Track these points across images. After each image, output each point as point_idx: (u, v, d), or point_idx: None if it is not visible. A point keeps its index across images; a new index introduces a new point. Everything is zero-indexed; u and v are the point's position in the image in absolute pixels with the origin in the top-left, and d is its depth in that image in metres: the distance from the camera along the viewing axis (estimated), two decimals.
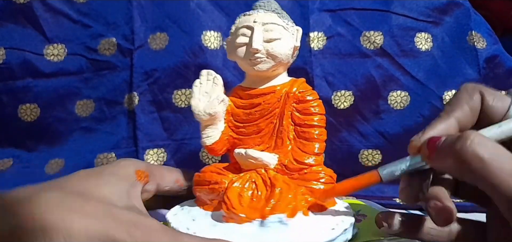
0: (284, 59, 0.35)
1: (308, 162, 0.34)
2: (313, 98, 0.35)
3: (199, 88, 0.36)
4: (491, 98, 0.29)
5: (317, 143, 0.34)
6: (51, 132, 0.56)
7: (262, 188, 0.32)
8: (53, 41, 0.56)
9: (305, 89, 0.35)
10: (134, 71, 0.55)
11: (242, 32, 0.35)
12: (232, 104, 0.36)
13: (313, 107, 0.35)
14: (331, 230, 0.30)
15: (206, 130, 0.36)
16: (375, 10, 0.56)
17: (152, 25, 0.56)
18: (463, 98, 0.30)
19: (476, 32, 0.56)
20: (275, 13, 0.36)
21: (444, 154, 0.27)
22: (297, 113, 0.35)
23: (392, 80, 0.55)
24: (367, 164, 0.56)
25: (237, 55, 0.35)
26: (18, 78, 0.55)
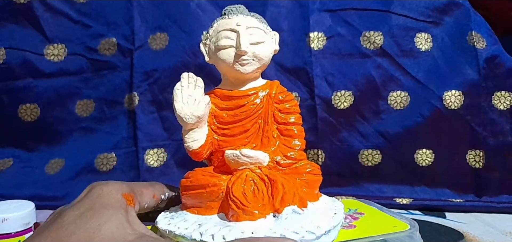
0: (266, 62, 0.36)
1: (294, 157, 0.35)
2: (290, 99, 0.37)
3: (181, 91, 0.36)
4: None
5: (297, 139, 0.36)
6: (51, 132, 0.56)
7: (261, 185, 0.33)
8: (53, 41, 0.56)
9: (283, 91, 0.37)
10: (134, 71, 0.55)
11: (225, 35, 0.35)
12: (214, 106, 0.37)
13: (291, 107, 0.36)
14: (334, 214, 0.32)
15: (190, 134, 0.36)
16: (375, 10, 0.56)
17: (152, 25, 0.56)
18: None
19: (476, 32, 0.56)
20: (254, 17, 0.36)
21: None
22: (279, 113, 0.36)
23: (392, 80, 0.55)
24: (367, 164, 0.56)
25: (220, 58, 0.36)
26: (19, 78, 0.55)
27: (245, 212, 0.31)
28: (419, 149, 0.56)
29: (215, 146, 0.36)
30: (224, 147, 0.35)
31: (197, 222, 0.32)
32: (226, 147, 0.35)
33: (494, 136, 0.55)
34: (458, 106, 0.55)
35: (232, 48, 0.35)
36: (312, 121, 0.55)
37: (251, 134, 0.36)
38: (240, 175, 0.33)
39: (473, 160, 0.56)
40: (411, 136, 0.55)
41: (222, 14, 0.36)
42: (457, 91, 0.55)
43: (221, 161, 0.35)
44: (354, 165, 0.56)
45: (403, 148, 0.56)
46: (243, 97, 0.36)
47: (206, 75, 0.56)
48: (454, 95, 0.55)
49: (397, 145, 0.55)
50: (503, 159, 0.55)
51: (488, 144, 0.55)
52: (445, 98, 0.55)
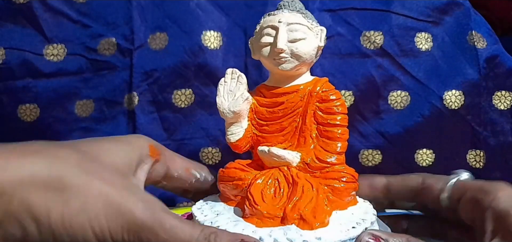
0: (307, 59, 0.35)
1: (330, 160, 0.34)
2: (336, 98, 0.35)
3: (224, 86, 0.36)
4: (430, 181, 0.35)
5: (339, 142, 0.35)
6: (51, 132, 0.56)
7: (285, 185, 0.33)
8: (52, 41, 0.55)
9: (328, 88, 0.36)
10: (134, 71, 0.55)
11: (267, 32, 0.35)
12: (256, 102, 0.37)
13: (336, 107, 0.35)
14: (348, 230, 0.31)
15: (230, 128, 0.37)
16: (375, 10, 0.56)
17: (152, 25, 0.56)
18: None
19: (476, 32, 0.56)
20: (299, 13, 0.36)
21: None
22: (320, 112, 0.35)
23: (392, 80, 0.55)
24: (367, 164, 0.56)
25: (262, 55, 0.36)
26: (18, 78, 0.55)
27: (254, 211, 0.31)
28: (419, 149, 0.56)
29: (254, 141, 0.37)
30: (262, 143, 0.36)
31: (216, 212, 0.33)
32: (263, 143, 0.35)
33: (494, 136, 0.55)
34: (458, 106, 0.55)
35: (271, 46, 0.35)
36: None
37: (287, 132, 0.35)
38: (267, 172, 0.33)
39: (474, 160, 0.56)
40: (411, 136, 0.55)
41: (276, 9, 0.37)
42: (458, 91, 0.55)
43: (258, 156, 0.36)
44: (355, 165, 0.55)
45: (403, 148, 0.56)
46: (283, 94, 0.36)
47: (206, 75, 0.56)
48: (454, 95, 0.55)
49: (397, 145, 0.55)
50: (504, 159, 0.55)
51: (488, 144, 0.55)
52: (446, 98, 0.55)
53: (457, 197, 0.33)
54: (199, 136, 0.56)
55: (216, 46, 0.56)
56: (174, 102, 0.56)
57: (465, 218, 0.33)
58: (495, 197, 0.29)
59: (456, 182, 0.34)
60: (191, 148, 0.56)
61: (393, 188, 0.37)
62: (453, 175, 0.35)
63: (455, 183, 0.34)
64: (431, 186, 0.35)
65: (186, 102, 0.56)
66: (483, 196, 0.30)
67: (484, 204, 0.30)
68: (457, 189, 0.33)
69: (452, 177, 0.34)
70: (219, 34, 0.56)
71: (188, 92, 0.55)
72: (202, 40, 0.55)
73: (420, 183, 0.36)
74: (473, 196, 0.31)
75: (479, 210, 0.30)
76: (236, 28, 0.56)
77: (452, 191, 0.34)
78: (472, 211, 0.31)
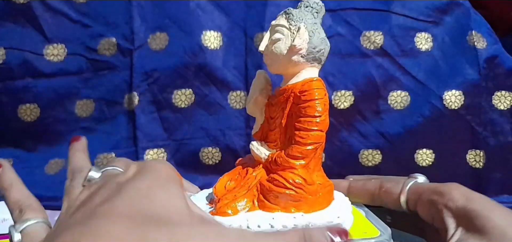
0: (281, 59, 0.35)
1: (298, 163, 0.34)
2: (308, 99, 0.33)
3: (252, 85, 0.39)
4: (388, 185, 0.37)
5: (301, 146, 0.33)
6: (51, 132, 0.56)
7: (244, 180, 0.34)
8: (53, 41, 0.55)
9: (306, 90, 0.34)
10: (134, 71, 0.55)
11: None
12: (268, 101, 0.38)
13: (304, 109, 0.33)
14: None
15: (256, 122, 0.39)
16: (375, 10, 0.56)
17: (152, 25, 0.56)
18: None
19: (476, 32, 0.56)
20: (286, 14, 0.35)
21: None
22: (294, 114, 0.34)
23: (392, 80, 0.55)
24: (367, 164, 0.56)
25: None
26: (18, 78, 0.55)
27: (216, 202, 0.33)
28: (419, 149, 0.56)
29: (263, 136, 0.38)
30: (265, 139, 0.37)
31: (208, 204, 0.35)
32: (264, 139, 0.37)
33: (494, 136, 0.55)
34: (458, 106, 0.55)
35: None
36: None
37: (276, 131, 0.36)
38: (243, 168, 0.36)
39: (473, 160, 0.56)
40: (411, 136, 0.55)
41: None
42: (458, 91, 0.55)
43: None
44: (355, 166, 0.56)
45: (403, 148, 0.56)
46: (278, 95, 0.36)
47: (206, 75, 0.56)
48: (454, 95, 0.55)
49: (398, 145, 0.55)
50: (504, 159, 0.55)
51: (488, 144, 0.55)
52: (445, 98, 0.55)
53: (413, 199, 0.35)
54: (199, 136, 0.56)
55: (216, 46, 0.56)
56: (174, 102, 0.56)
57: (424, 218, 0.35)
58: (450, 197, 0.32)
59: (412, 185, 0.36)
60: (191, 148, 0.56)
61: (353, 192, 0.39)
62: (409, 179, 0.37)
63: (410, 186, 0.36)
64: (390, 190, 0.37)
65: (186, 102, 0.56)
66: (438, 197, 0.33)
67: (440, 204, 0.33)
68: (413, 193, 0.36)
69: (409, 181, 0.37)
70: (219, 34, 0.56)
71: (188, 92, 0.55)
72: (202, 40, 0.55)
73: (378, 188, 0.38)
74: (429, 198, 0.34)
75: (436, 210, 0.33)
76: (236, 28, 0.56)
77: (408, 194, 0.36)
78: (429, 212, 0.34)
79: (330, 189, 0.35)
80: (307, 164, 0.33)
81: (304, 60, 0.34)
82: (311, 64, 0.35)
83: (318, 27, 0.35)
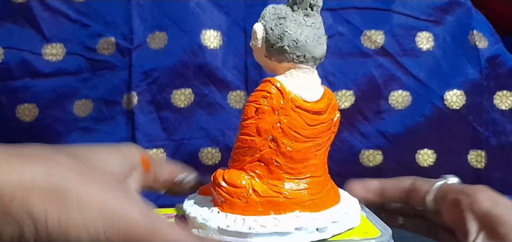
0: (258, 59, 0.35)
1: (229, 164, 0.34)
2: (248, 101, 0.32)
3: None
4: (419, 183, 0.37)
5: (234, 149, 0.33)
6: (50, 132, 0.56)
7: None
8: (51, 41, 0.55)
9: (259, 87, 0.33)
10: (133, 71, 0.55)
11: None
12: None
13: (248, 108, 0.32)
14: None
15: None
16: (376, 9, 0.56)
17: (151, 24, 0.56)
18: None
19: (478, 32, 0.56)
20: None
21: None
22: None
23: (393, 80, 0.55)
24: (368, 164, 0.56)
25: None
26: (17, 78, 0.55)
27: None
28: (420, 149, 0.56)
29: None
30: None
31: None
32: None
33: (495, 136, 0.55)
34: (459, 106, 0.55)
35: None
36: None
37: None
38: None
39: (475, 160, 0.56)
40: (412, 136, 0.55)
41: None
42: (459, 90, 0.55)
43: None
44: (355, 166, 0.55)
45: (404, 148, 0.56)
46: None
47: (205, 75, 0.56)
48: (455, 95, 0.55)
49: (398, 145, 0.55)
50: (505, 159, 0.55)
51: (489, 144, 0.55)
52: (447, 97, 0.55)
53: (440, 199, 0.34)
54: (198, 136, 0.56)
55: (216, 45, 0.55)
56: (174, 102, 0.55)
57: (446, 220, 0.34)
58: (475, 199, 0.31)
59: (441, 185, 0.35)
60: (190, 148, 0.56)
61: (386, 190, 0.39)
62: (440, 179, 0.36)
63: (440, 186, 0.35)
64: (419, 188, 0.36)
65: (185, 102, 0.55)
66: (463, 197, 0.32)
67: (464, 205, 0.31)
68: (440, 192, 0.35)
69: (439, 180, 0.36)
70: (219, 33, 0.56)
71: (187, 92, 0.55)
72: (202, 40, 0.55)
73: (410, 185, 0.37)
74: (454, 198, 0.33)
75: (459, 211, 0.32)
76: (236, 27, 0.56)
77: (436, 193, 0.35)
78: (452, 213, 0.33)
79: (276, 202, 0.31)
80: (242, 167, 0.32)
81: (274, 59, 0.33)
82: (294, 63, 0.33)
83: (285, 22, 0.32)
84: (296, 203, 0.31)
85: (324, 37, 0.34)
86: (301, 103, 0.32)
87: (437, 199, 0.35)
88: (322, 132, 0.33)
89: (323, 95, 0.34)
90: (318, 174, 0.33)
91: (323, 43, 0.34)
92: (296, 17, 0.33)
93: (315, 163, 0.33)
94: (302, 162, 0.32)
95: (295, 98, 0.32)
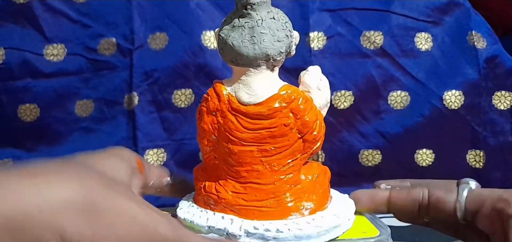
0: None
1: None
2: None
3: None
4: (440, 193, 0.34)
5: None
6: (51, 132, 0.56)
7: None
8: (52, 41, 0.55)
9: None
10: (134, 71, 0.55)
11: None
12: None
13: None
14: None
15: None
16: (375, 10, 0.56)
17: (152, 25, 0.56)
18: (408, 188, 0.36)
19: (476, 32, 0.56)
20: None
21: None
22: None
23: (392, 80, 0.55)
24: (367, 164, 0.56)
25: None
26: (18, 78, 0.55)
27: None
28: (419, 149, 0.56)
29: None
30: None
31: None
32: None
33: (494, 136, 0.55)
34: (458, 106, 0.55)
35: None
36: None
37: None
38: None
39: (473, 160, 0.56)
40: (411, 136, 0.55)
41: None
42: (457, 91, 0.55)
43: None
44: (354, 165, 0.56)
45: (403, 148, 0.56)
46: None
47: (206, 75, 0.56)
48: (454, 95, 0.55)
49: (397, 145, 0.55)
50: (503, 159, 0.55)
51: (488, 144, 0.55)
52: (445, 98, 0.55)
53: (473, 209, 0.32)
54: None
55: (216, 46, 0.55)
56: (174, 102, 0.56)
57: (484, 229, 0.31)
58: None
59: (469, 193, 0.32)
60: (191, 148, 0.56)
61: (396, 202, 0.35)
62: (462, 185, 0.33)
63: (469, 195, 0.32)
64: (442, 200, 0.33)
65: (186, 102, 0.56)
66: (505, 205, 0.29)
67: (506, 213, 0.29)
68: (472, 202, 0.32)
69: (463, 188, 0.33)
70: None
71: (188, 92, 0.55)
72: (202, 40, 0.55)
73: (426, 196, 0.34)
74: (493, 206, 0.30)
75: (500, 220, 0.30)
76: None
77: (467, 203, 0.32)
78: (492, 222, 0.31)
79: (213, 200, 0.32)
80: (206, 169, 0.33)
81: (234, 65, 0.33)
82: (239, 67, 0.32)
83: (222, 26, 0.32)
84: (226, 205, 0.31)
85: (264, 35, 0.31)
86: (237, 105, 0.31)
87: (469, 210, 0.32)
88: (271, 138, 0.31)
89: (269, 99, 0.31)
90: (263, 182, 0.31)
91: (260, 42, 0.31)
92: (232, 19, 0.31)
93: (259, 169, 0.31)
94: (243, 166, 0.31)
95: (231, 100, 0.31)
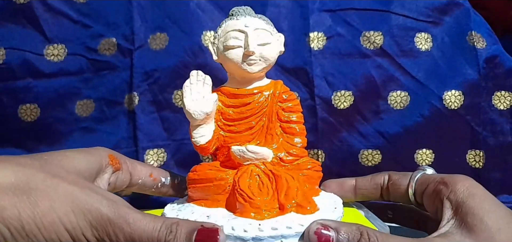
0: (272, 63, 0.38)
1: (296, 153, 0.37)
2: (293, 98, 0.39)
3: (190, 88, 0.37)
4: (396, 177, 0.38)
5: (299, 137, 0.38)
6: (51, 132, 0.56)
7: (266, 180, 0.35)
8: (53, 41, 0.56)
9: (286, 90, 0.39)
10: (134, 71, 0.55)
11: (234, 36, 0.37)
12: (220, 103, 0.38)
13: (294, 106, 0.38)
14: (335, 209, 0.35)
15: (198, 130, 0.38)
16: (375, 10, 0.56)
17: (152, 25, 0.56)
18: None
19: (476, 32, 0.56)
20: (261, 19, 0.38)
21: None
22: (282, 111, 0.38)
23: (392, 80, 0.55)
24: (367, 164, 0.56)
25: (228, 57, 0.37)
26: (18, 78, 0.55)
27: (252, 204, 0.32)
28: (419, 149, 0.56)
29: (221, 142, 0.38)
30: (230, 143, 0.37)
31: (205, 214, 0.34)
32: (231, 143, 0.37)
33: (494, 136, 0.55)
34: (458, 106, 0.55)
35: (240, 48, 0.37)
36: (312, 121, 0.55)
37: (255, 131, 0.37)
38: (246, 169, 0.35)
39: (473, 160, 0.56)
40: (411, 136, 0.55)
41: (229, 15, 0.38)
42: (457, 91, 0.55)
43: (227, 156, 0.37)
44: (354, 165, 0.56)
45: (403, 148, 0.56)
46: (249, 95, 0.38)
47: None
48: (454, 95, 0.55)
49: (397, 145, 0.55)
50: (503, 159, 0.55)
51: (488, 144, 0.55)
52: (445, 98, 0.55)
53: (420, 191, 0.35)
54: None
55: None
56: (175, 102, 0.56)
57: (429, 210, 0.35)
58: (454, 189, 0.32)
59: (419, 177, 0.36)
60: (191, 148, 0.55)
61: (361, 186, 0.40)
62: (418, 171, 0.37)
63: (418, 178, 0.36)
64: (398, 183, 0.37)
65: None
66: (443, 188, 0.33)
67: (443, 195, 0.32)
68: (420, 184, 0.36)
69: (417, 173, 0.37)
70: None
71: None
72: (202, 40, 0.55)
73: (386, 180, 0.38)
74: (435, 188, 0.34)
75: (439, 201, 0.33)
76: None
77: (417, 185, 0.36)
78: (434, 203, 0.34)
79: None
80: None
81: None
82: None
83: None
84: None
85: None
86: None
87: (418, 191, 0.35)
88: None
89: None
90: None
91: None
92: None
93: None
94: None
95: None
